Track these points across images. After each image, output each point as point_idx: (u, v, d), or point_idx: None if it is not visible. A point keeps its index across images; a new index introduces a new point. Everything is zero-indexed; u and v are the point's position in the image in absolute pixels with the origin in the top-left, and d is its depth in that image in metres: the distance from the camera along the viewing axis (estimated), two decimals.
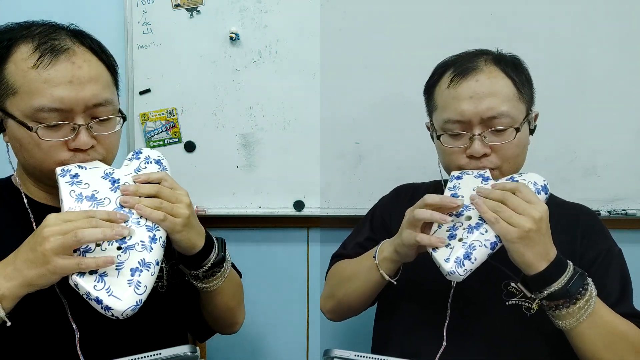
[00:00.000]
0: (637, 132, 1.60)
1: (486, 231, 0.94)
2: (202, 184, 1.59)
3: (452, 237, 0.96)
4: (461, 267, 0.91)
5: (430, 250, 0.97)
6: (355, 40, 1.57)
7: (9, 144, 0.96)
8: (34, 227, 0.96)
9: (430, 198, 0.97)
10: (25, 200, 0.98)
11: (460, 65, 1.08)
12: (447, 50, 1.16)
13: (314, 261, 1.69)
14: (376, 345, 1.24)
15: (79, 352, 0.90)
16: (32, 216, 0.97)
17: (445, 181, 1.22)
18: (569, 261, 0.95)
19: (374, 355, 0.81)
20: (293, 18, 1.56)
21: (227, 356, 1.68)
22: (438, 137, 1.10)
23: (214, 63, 1.57)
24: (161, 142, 1.58)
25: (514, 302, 1.03)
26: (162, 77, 1.56)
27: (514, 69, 1.09)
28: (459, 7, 1.56)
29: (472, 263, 0.92)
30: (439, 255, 0.94)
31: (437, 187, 1.24)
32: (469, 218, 0.97)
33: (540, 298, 0.94)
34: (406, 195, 1.27)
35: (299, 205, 1.62)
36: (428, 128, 1.19)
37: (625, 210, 1.61)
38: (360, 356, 0.81)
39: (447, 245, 0.95)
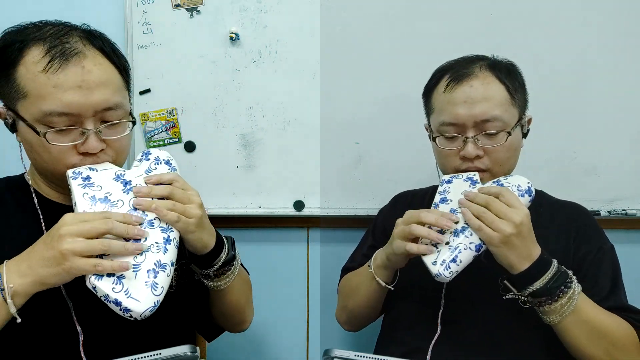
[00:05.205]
0: (637, 132, 1.60)
1: (471, 234, 1.00)
2: (202, 184, 1.58)
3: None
4: (447, 270, 0.98)
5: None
6: (355, 40, 1.57)
7: (21, 143, 0.96)
8: (43, 225, 0.97)
9: (426, 217, 1.02)
10: (35, 200, 0.99)
11: (456, 71, 1.13)
12: (447, 51, 1.17)
13: (314, 261, 1.69)
14: (380, 340, 1.26)
15: (82, 354, 0.91)
16: (41, 215, 0.98)
17: None
18: (554, 260, 1.00)
19: (374, 355, 0.81)
20: (293, 18, 1.56)
21: (227, 356, 1.68)
22: (434, 139, 1.15)
23: (214, 63, 1.57)
24: (161, 142, 1.58)
25: (510, 296, 1.04)
26: (162, 77, 1.56)
27: (507, 74, 1.13)
28: (458, 7, 1.56)
29: (458, 265, 0.98)
30: (428, 259, 1.01)
31: (434, 193, 1.25)
32: (456, 222, 1.02)
33: (524, 295, 1.00)
34: (404, 203, 1.32)
35: (299, 205, 1.62)
36: (426, 129, 1.23)
37: (625, 210, 1.61)
38: (360, 356, 0.82)
39: (435, 246, 1.01)
